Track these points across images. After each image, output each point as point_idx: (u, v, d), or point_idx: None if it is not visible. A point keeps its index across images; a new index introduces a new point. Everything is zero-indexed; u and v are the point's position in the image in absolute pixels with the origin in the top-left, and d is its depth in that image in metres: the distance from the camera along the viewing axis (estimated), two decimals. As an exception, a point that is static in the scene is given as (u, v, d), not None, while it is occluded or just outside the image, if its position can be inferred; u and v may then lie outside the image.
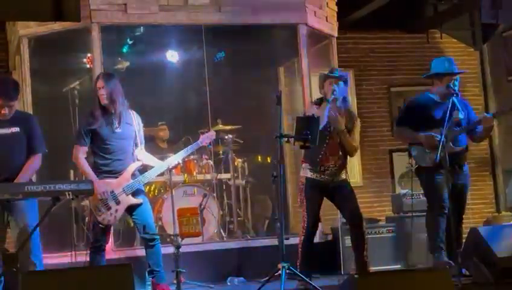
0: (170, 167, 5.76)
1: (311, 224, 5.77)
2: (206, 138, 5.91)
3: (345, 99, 5.85)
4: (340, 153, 5.78)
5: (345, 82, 5.80)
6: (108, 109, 5.60)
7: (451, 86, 5.91)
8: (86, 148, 5.63)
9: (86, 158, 5.68)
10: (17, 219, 5.21)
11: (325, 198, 5.89)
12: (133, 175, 5.63)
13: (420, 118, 5.97)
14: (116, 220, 5.72)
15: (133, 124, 5.69)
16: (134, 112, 5.77)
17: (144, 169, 5.89)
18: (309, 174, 5.78)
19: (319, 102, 5.82)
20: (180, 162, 5.89)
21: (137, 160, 5.74)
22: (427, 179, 5.92)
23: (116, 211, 5.55)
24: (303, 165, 5.86)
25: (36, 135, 5.38)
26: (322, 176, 5.75)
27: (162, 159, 6.05)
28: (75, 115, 7.05)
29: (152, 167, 5.82)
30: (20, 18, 6.60)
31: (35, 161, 5.36)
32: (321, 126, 5.51)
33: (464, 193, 6.03)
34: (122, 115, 5.62)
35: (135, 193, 5.61)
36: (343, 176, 5.85)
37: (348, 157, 5.86)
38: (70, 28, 6.79)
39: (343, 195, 5.82)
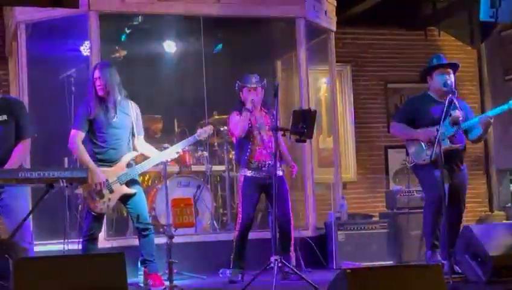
0: (167, 159, 5.73)
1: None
2: (204, 132, 5.89)
3: (265, 104, 6.19)
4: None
5: (262, 88, 6.17)
6: (105, 99, 5.58)
7: (448, 83, 5.88)
8: (83, 135, 5.61)
9: None
10: (8, 205, 5.19)
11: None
12: (128, 165, 5.62)
13: (418, 115, 5.96)
14: (109, 209, 5.71)
15: (131, 113, 5.67)
16: (132, 102, 5.75)
17: (140, 159, 5.87)
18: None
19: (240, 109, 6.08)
20: (177, 155, 5.86)
21: (135, 150, 5.72)
22: (424, 175, 5.91)
23: (110, 199, 5.54)
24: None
25: (24, 119, 5.32)
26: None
27: (158, 149, 6.04)
28: (71, 103, 7.03)
29: (148, 158, 5.80)
30: (18, 3, 6.59)
31: (25, 146, 5.33)
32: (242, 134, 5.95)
33: (463, 192, 6.02)
34: (118, 105, 5.61)
35: (129, 183, 5.60)
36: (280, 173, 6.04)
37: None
38: (69, 15, 6.76)
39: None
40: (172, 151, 5.75)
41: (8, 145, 5.26)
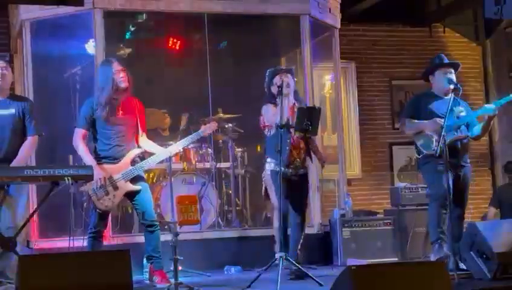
0: (171, 155, 5.74)
1: None
2: (208, 128, 5.88)
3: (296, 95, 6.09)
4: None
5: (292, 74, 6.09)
6: (117, 93, 5.58)
7: (453, 81, 5.90)
8: (86, 133, 5.63)
9: (86, 143, 5.68)
10: (11, 202, 5.21)
11: None
12: (133, 161, 5.62)
13: (423, 111, 5.98)
14: (114, 206, 5.70)
15: (135, 110, 5.68)
16: (137, 99, 5.76)
17: (145, 156, 5.88)
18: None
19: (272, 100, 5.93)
20: (181, 150, 5.86)
21: (139, 147, 5.73)
22: (430, 169, 5.91)
23: (114, 196, 5.55)
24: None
25: (32, 117, 5.38)
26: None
27: (163, 147, 6.04)
28: (75, 101, 7.04)
29: (153, 154, 5.81)
30: (22, 1, 6.61)
31: (32, 143, 5.36)
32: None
33: (466, 184, 6.05)
34: (126, 101, 5.62)
35: (135, 180, 5.60)
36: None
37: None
38: (73, 13, 6.79)
39: None
40: (176, 148, 5.75)
41: (14, 138, 5.28)
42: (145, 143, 5.79)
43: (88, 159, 5.54)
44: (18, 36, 7.42)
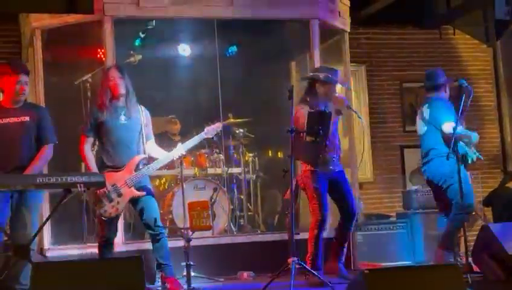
0: (174, 158, 5.73)
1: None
2: (212, 129, 5.86)
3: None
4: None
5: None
6: (118, 100, 5.61)
7: (464, 81, 5.91)
8: (91, 139, 5.66)
9: (93, 150, 5.71)
10: (25, 210, 5.24)
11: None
12: (137, 168, 5.62)
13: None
14: (119, 213, 5.65)
15: (140, 117, 5.69)
16: (142, 107, 5.77)
17: (149, 162, 5.88)
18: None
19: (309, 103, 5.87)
20: (184, 153, 5.82)
21: (144, 154, 5.73)
22: (465, 176, 5.89)
23: (118, 203, 5.54)
24: None
25: (47, 125, 5.41)
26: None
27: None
28: (87, 108, 7.07)
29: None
30: (33, 10, 6.65)
31: (47, 152, 5.39)
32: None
33: None
34: (129, 108, 5.63)
35: (139, 186, 5.61)
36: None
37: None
38: (83, 21, 6.82)
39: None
40: (179, 150, 5.74)
41: (28, 146, 5.31)
42: (152, 149, 5.79)
43: (91, 167, 5.57)
44: (29, 44, 7.46)
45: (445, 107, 6.08)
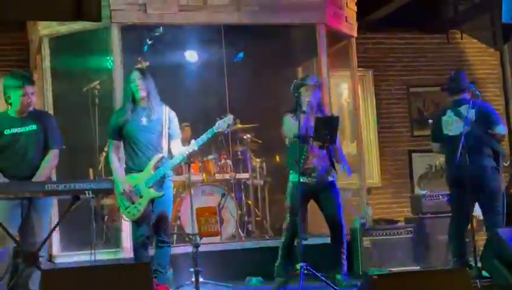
0: (187, 153, 5.70)
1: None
2: (223, 122, 5.81)
3: (320, 107, 5.99)
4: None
5: (319, 88, 6.02)
6: (140, 103, 5.63)
7: (471, 86, 5.92)
8: (117, 142, 5.72)
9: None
10: (35, 217, 5.26)
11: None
12: (156, 168, 5.64)
13: None
14: (142, 214, 5.62)
15: (162, 118, 5.70)
16: (167, 107, 5.78)
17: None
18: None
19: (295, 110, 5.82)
20: (196, 149, 5.78)
21: (170, 154, 5.74)
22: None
23: (140, 204, 5.58)
24: None
25: (53, 131, 5.44)
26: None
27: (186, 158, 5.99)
28: (95, 115, 7.09)
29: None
30: (41, 18, 6.66)
31: (53, 158, 5.41)
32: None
33: None
34: (152, 109, 5.66)
35: (159, 187, 5.62)
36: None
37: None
38: (91, 28, 6.85)
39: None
40: (191, 147, 5.71)
41: (36, 155, 5.34)
42: (175, 148, 5.78)
43: (114, 169, 5.65)
44: (37, 52, 7.50)
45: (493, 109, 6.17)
